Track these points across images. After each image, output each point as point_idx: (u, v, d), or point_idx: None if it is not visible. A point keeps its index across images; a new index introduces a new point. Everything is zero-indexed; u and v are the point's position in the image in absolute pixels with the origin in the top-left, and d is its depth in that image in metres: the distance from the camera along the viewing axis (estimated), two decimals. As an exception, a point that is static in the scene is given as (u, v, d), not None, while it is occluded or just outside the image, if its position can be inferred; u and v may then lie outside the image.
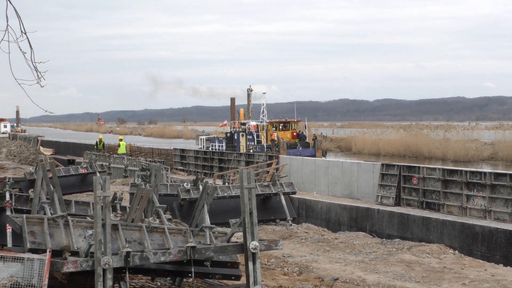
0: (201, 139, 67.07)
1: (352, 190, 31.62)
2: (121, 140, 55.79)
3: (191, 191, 23.59)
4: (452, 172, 26.63)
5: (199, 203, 13.91)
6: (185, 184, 24.26)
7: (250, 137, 56.27)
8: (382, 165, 30.10)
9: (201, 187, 20.71)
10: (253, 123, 57.96)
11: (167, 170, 36.05)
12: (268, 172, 36.32)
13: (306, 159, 37.06)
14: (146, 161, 45.54)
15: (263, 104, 58.86)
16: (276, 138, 53.06)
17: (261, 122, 57.27)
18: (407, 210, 27.28)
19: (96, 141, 60.26)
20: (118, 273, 9.60)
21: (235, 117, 66.21)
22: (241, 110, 64.71)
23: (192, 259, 9.61)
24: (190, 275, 10.36)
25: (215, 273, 10.92)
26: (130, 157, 50.73)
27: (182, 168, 50.67)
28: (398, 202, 28.54)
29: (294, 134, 55.14)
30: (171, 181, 29.02)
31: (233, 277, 11.11)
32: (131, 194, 23.01)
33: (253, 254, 9.44)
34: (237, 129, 59.76)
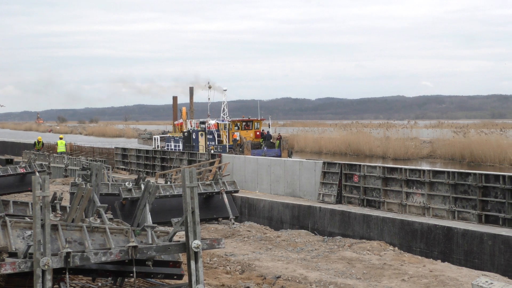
0: (155, 139, 64.89)
1: (294, 188, 31.82)
2: (61, 138, 54.91)
3: (133, 190, 23.43)
4: (392, 170, 27.04)
5: (141, 202, 13.83)
6: (126, 183, 24.07)
7: (210, 136, 53.65)
8: (324, 163, 30.36)
9: (143, 186, 20.61)
10: (213, 121, 55.14)
11: (108, 169, 35.72)
12: (210, 170, 36.26)
13: (248, 158, 37.12)
14: (87, 160, 45.02)
15: (223, 101, 57.10)
16: (238, 138, 50.94)
17: (222, 120, 55.29)
18: (348, 207, 27.59)
19: (35, 141, 59.30)
20: (58, 274, 9.47)
21: (177, 116, 65.31)
22: (183, 109, 63.97)
23: (133, 259, 9.54)
24: (131, 275, 10.29)
25: (157, 273, 10.88)
26: (70, 156, 49.98)
27: (124, 167, 50.05)
28: (339, 200, 28.82)
29: (258, 133, 52.97)
30: (112, 180, 28.76)
31: (175, 277, 11.08)
32: (72, 194, 22.71)
33: (195, 253, 9.42)
34: (196, 128, 56.55)
